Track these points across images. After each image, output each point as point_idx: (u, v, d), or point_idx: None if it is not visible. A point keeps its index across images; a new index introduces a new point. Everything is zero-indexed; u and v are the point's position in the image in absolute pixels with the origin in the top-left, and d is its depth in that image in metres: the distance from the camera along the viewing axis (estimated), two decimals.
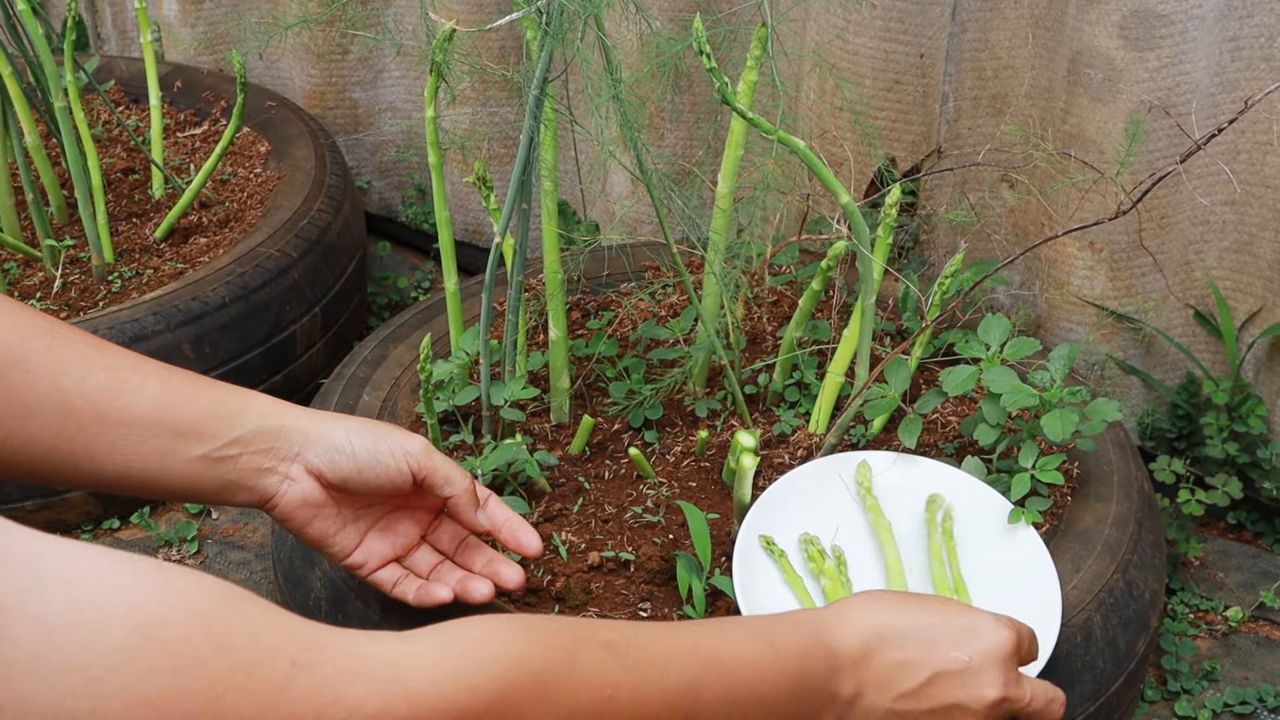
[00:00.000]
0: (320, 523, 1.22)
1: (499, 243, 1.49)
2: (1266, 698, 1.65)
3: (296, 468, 1.19)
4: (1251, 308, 1.84)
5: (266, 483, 1.18)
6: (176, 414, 1.13)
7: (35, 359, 1.05)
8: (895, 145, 1.92)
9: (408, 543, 1.29)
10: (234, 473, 1.16)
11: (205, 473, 1.15)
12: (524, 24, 1.43)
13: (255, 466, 1.17)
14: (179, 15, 2.49)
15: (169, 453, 1.13)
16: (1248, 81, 1.71)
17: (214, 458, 1.14)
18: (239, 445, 1.16)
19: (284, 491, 1.19)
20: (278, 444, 1.17)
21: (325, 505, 1.21)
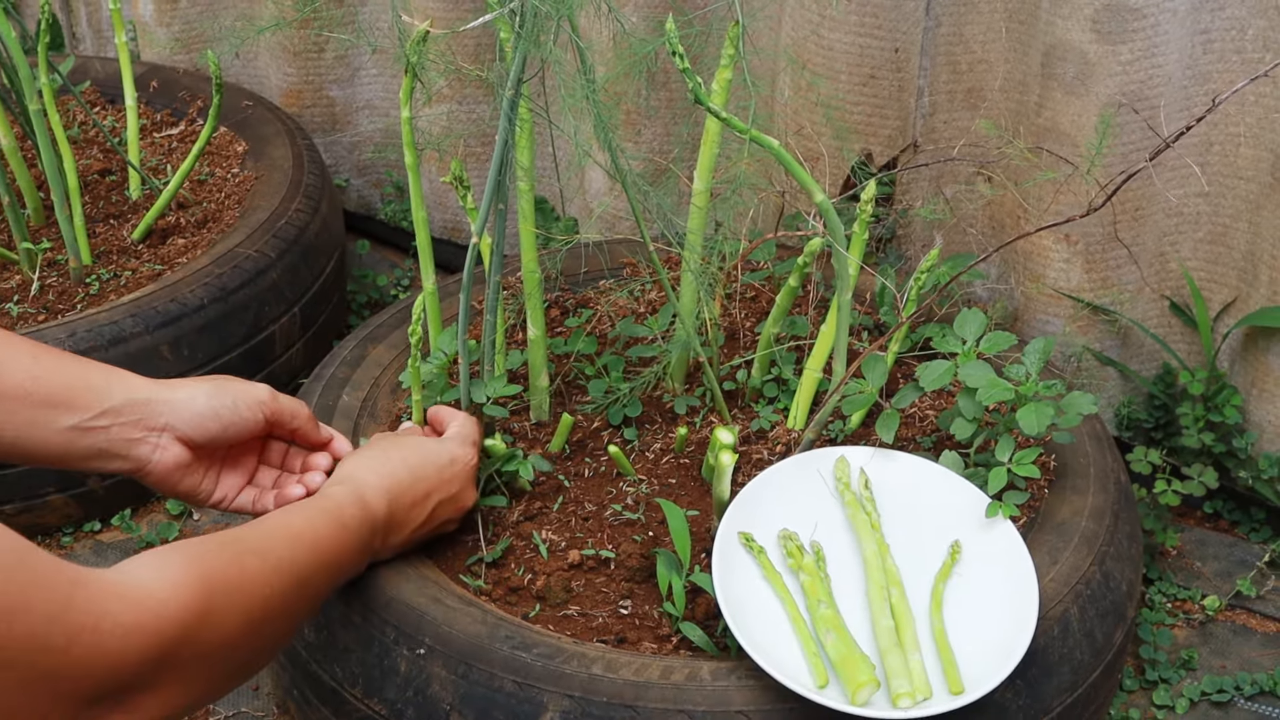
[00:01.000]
0: (188, 479, 1.34)
1: (476, 242, 1.49)
2: (1243, 686, 1.67)
3: (166, 436, 1.30)
4: (1226, 298, 1.85)
5: (139, 451, 1.29)
6: (48, 387, 1.23)
7: None
8: (871, 140, 1.93)
9: (250, 468, 1.42)
10: (105, 442, 1.27)
11: (76, 441, 1.25)
12: (498, 24, 1.43)
13: (126, 437, 1.28)
14: (154, 15, 2.48)
15: (40, 423, 1.23)
16: (1219, 74, 1.73)
17: (84, 428, 1.25)
18: (109, 416, 1.26)
19: (157, 459, 1.30)
20: (145, 415, 1.29)
21: (192, 463, 1.33)
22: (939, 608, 1.35)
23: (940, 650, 1.30)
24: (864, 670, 1.25)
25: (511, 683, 1.29)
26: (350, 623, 1.37)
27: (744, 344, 1.76)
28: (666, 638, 1.38)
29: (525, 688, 1.28)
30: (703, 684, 1.28)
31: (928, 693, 1.26)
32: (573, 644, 1.33)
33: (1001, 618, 1.34)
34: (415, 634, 1.33)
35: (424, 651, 1.32)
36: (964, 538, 1.42)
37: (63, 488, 1.87)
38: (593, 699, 1.27)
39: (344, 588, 1.39)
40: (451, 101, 2.26)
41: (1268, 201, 1.74)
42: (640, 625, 1.39)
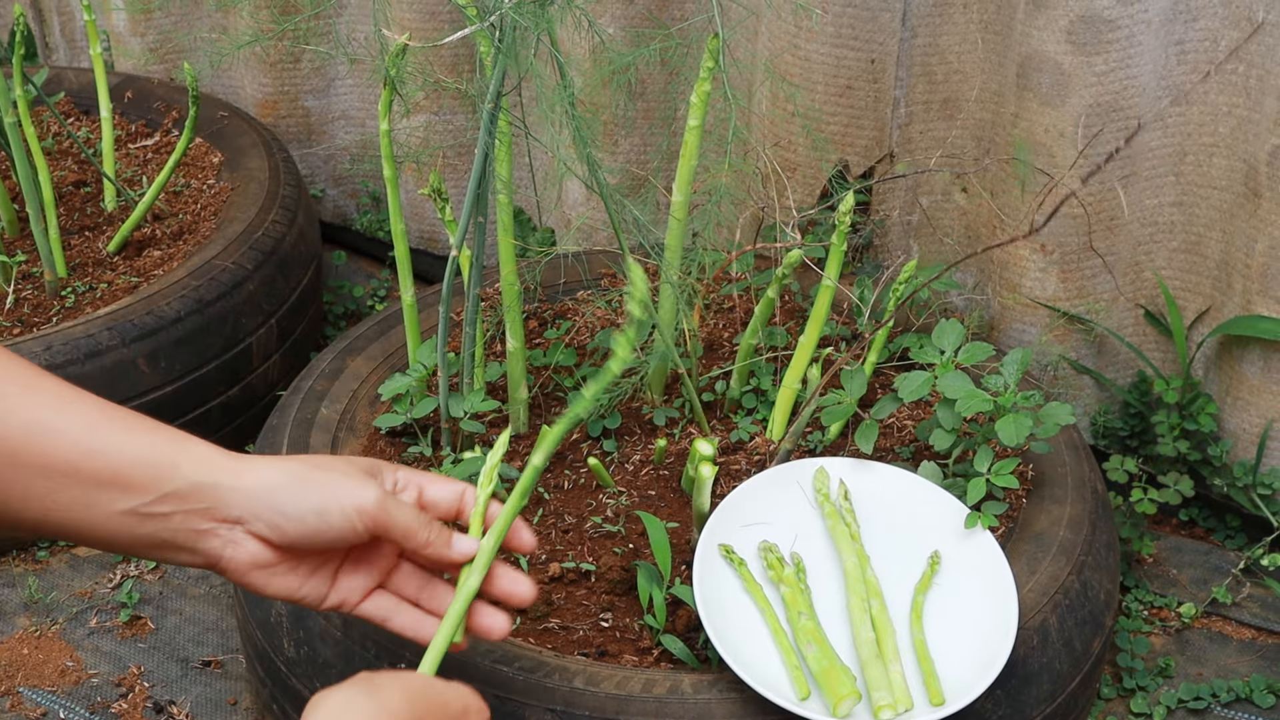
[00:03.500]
0: (280, 581, 1.11)
1: (455, 255, 1.49)
2: (1220, 693, 1.68)
3: (239, 531, 1.07)
4: (1200, 307, 1.86)
5: (208, 545, 1.07)
6: (101, 463, 1.03)
7: None
8: (848, 150, 1.93)
9: (387, 565, 1.16)
10: (168, 532, 1.06)
11: (135, 528, 1.05)
12: (477, 37, 1.43)
13: (192, 527, 1.06)
14: (129, 25, 2.47)
15: (91, 504, 1.03)
16: (1193, 85, 1.74)
17: (143, 513, 1.04)
18: (171, 502, 1.05)
19: (230, 555, 1.08)
20: (215, 505, 1.06)
21: (279, 564, 1.10)
22: (919, 619, 1.35)
23: (921, 661, 1.31)
24: (845, 682, 1.25)
25: (493, 697, 1.28)
26: (330, 638, 1.37)
27: (723, 355, 1.76)
28: (648, 650, 1.38)
29: (506, 702, 1.28)
30: (684, 697, 1.28)
31: (909, 704, 1.26)
32: (554, 658, 1.33)
33: (981, 628, 1.34)
34: (396, 648, 1.33)
35: (404, 666, 1.32)
36: (943, 548, 1.43)
37: None
38: (574, 713, 1.27)
39: None
40: (429, 113, 2.26)
41: (1240, 211, 1.76)
42: (621, 638, 1.39)
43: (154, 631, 1.77)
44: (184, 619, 1.79)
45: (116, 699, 1.67)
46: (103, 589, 1.83)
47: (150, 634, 1.77)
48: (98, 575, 1.85)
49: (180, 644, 1.75)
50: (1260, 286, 1.74)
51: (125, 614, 1.78)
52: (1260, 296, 1.75)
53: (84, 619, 1.78)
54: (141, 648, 1.74)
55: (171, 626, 1.78)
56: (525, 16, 1.26)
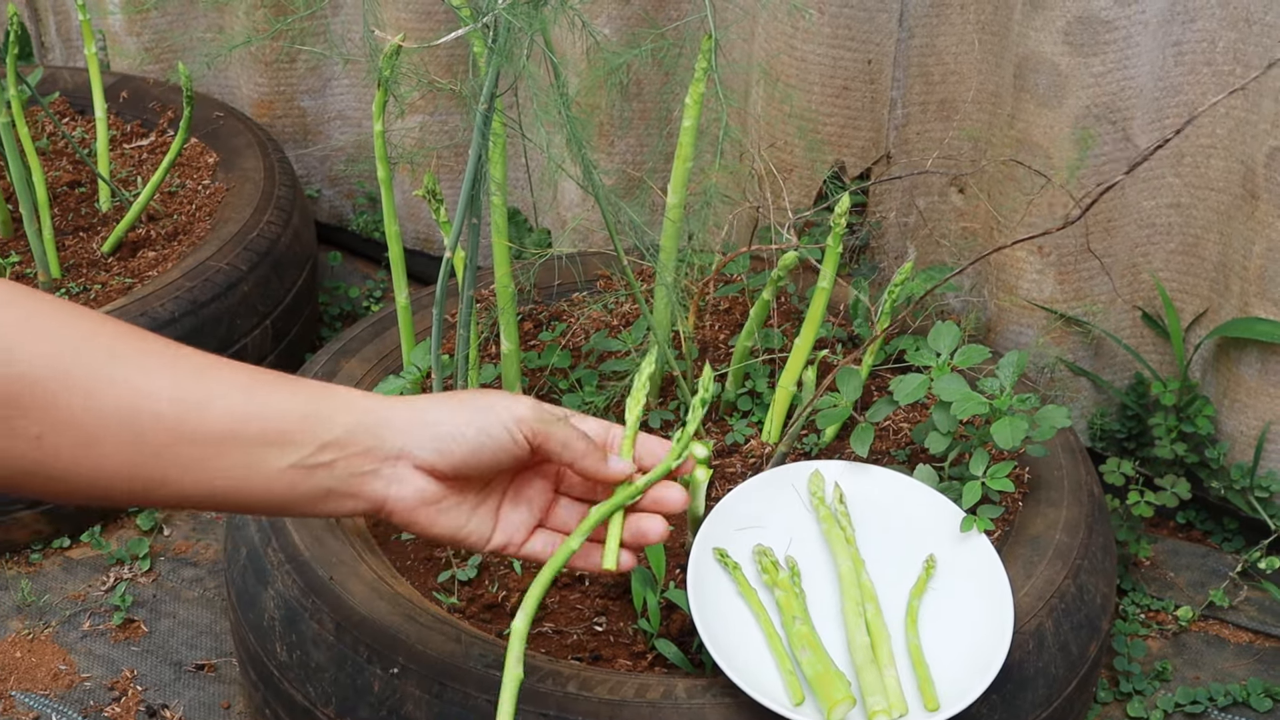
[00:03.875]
0: (446, 518, 1.10)
1: (449, 257, 1.48)
2: (1217, 697, 1.67)
3: (403, 466, 1.06)
4: (1198, 309, 1.85)
5: (373, 487, 1.06)
6: (258, 423, 1.01)
7: (95, 378, 0.95)
8: (845, 151, 1.93)
9: (545, 501, 1.16)
10: (332, 480, 1.04)
11: (299, 483, 1.03)
12: (471, 38, 1.43)
13: (355, 471, 1.05)
14: (124, 25, 2.47)
15: (255, 466, 1.02)
16: (1190, 86, 1.73)
17: (306, 466, 1.03)
18: (333, 450, 1.04)
19: (396, 493, 1.07)
20: (377, 443, 1.05)
21: (445, 498, 1.09)
22: (914, 623, 1.34)
23: (916, 666, 1.30)
24: (840, 687, 1.24)
25: (486, 702, 1.28)
26: (323, 641, 1.36)
27: (718, 357, 1.75)
28: (641, 655, 1.37)
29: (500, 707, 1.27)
30: (678, 702, 1.27)
31: (904, 709, 1.25)
32: (547, 662, 1.33)
33: (977, 632, 1.34)
34: (389, 653, 1.33)
35: (397, 670, 1.31)
36: (939, 552, 1.42)
37: (31, 504, 1.85)
38: (568, 718, 1.26)
39: (316, 606, 1.38)
40: (424, 113, 2.25)
41: (1238, 213, 1.75)
42: (615, 642, 1.38)
43: (147, 635, 1.76)
44: (177, 622, 1.78)
45: (109, 703, 1.67)
46: (96, 592, 1.82)
47: (143, 637, 1.76)
48: (91, 578, 1.84)
49: (174, 647, 1.75)
50: (1258, 288, 1.74)
51: (118, 617, 1.77)
52: (1258, 298, 1.74)
53: (77, 622, 1.78)
54: (135, 651, 1.74)
55: (165, 630, 1.77)
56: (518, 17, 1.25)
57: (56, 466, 0.95)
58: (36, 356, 0.93)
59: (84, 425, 0.95)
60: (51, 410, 0.93)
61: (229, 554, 1.55)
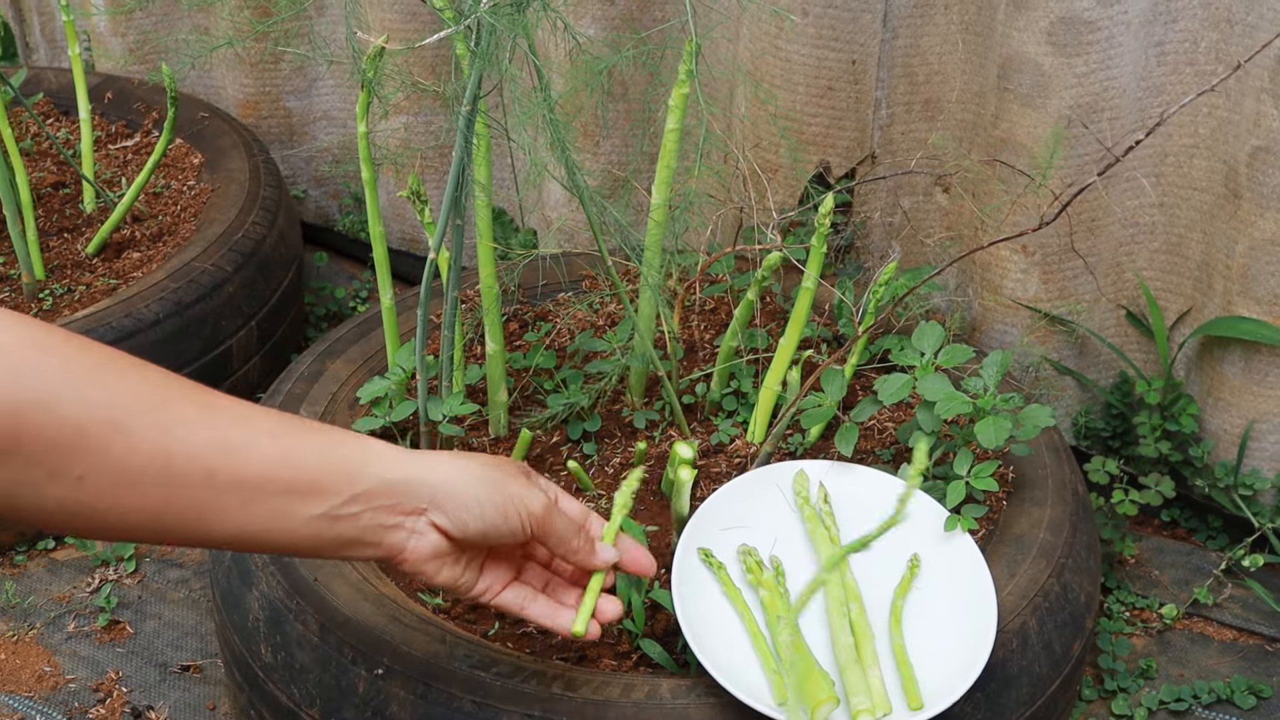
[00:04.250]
0: (448, 570, 1.18)
1: (434, 258, 1.48)
2: (1201, 694, 1.68)
3: (423, 522, 1.14)
4: (1182, 307, 1.86)
5: (393, 539, 1.13)
6: (291, 473, 1.07)
7: (136, 425, 0.99)
8: (829, 151, 1.93)
9: (519, 562, 1.27)
10: (356, 530, 1.10)
11: (325, 531, 1.09)
12: (455, 40, 1.43)
13: (379, 523, 1.11)
14: (109, 26, 2.46)
15: (285, 514, 1.07)
16: (1173, 86, 1.74)
17: (333, 516, 1.09)
18: (360, 502, 1.10)
19: (414, 546, 1.14)
20: (403, 499, 1.12)
21: (450, 554, 1.17)
22: (898, 623, 1.35)
23: (900, 665, 1.30)
24: (823, 687, 1.25)
25: (470, 702, 1.28)
26: (307, 642, 1.36)
27: (703, 357, 1.75)
28: (626, 655, 1.37)
29: (484, 707, 1.28)
30: (663, 701, 1.28)
31: (887, 708, 1.26)
32: (532, 662, 1.33)
33: (960, 631, 1.34)
34: (373, 653, 1.33)
35: (382, 671, 1.32)
36: (923, 551, 1.42)
37: None
38: (552, 717, 1.26)
39: (301, 608, 1.38)
40: (408, 114, 2.25)
41: (1221, 212, 1.76)
42: (600, 642, 1.38)
43: (132, 636, 1.76)
44: (163, 623, 1.78)
45: (94, 704, 1.67)
46: (81, 593, 1.82)
47: (128, 638, 1.76)
48: (76, 579, 1.84)
49: (159, 649, 1.74)
50: (1241, 287, 1.74)
51: (103, 618, 1.77)
52: (1241, 297, 1.75)
53: (62, 623, 1.78)
54: (120, 652, 1.74)
55: (150, 631, 1.77)
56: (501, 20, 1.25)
57: (99, 507, 0.99)
58: (80, 402, 0.97)
59: (125, 468, 0.99)
60: (95, 454, 0.97)
61: (214, 556, 1.54)
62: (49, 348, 0.97)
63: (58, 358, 0.97)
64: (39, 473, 0.96)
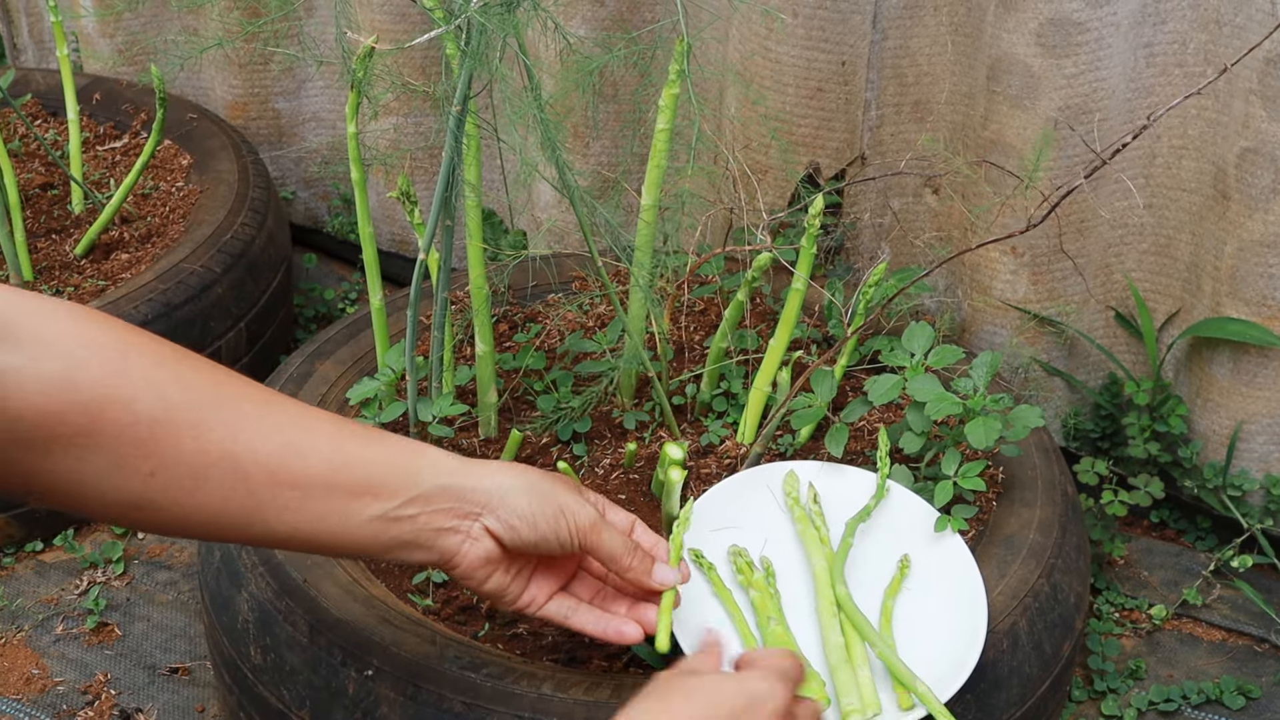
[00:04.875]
0: (497, 579, 1.19)
1: (423, 258, 1.48)
2: (1190, 695, 1.68)
3: (477, 527, 1.16)
4: (1170, 309, 1.86)
5: (448, 543, 1.15)
6: (351, 474, 1.10)
7: (205, 422, 1.03)
8: (819, 152, 1.93)
9: (569, 572, 1.27)
10: (411, 533, 1.13)
11: (381, 533, 1.12)
12: (445, 40, 1.42)
13: (435, 526, 1.14)
14: (97, 27, 2.46)
15: (344, 514, 1.10)
16: (1162, 87, 1.74)
17: (391, 517, 1.12)
18: (418, 505, 1.13)
19: (466, 551, 1.16)
20: (459, 504, 1.15)
21: (501, 561, 1.19)
22: (888, 623, 1.35)
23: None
24: (814, 687, 1.25)
25: (460, 703, 1.28)
26: (297, 644, 1.36)
27: (693, 358, 1.75)
28: (617, 656, 1.37)
29: (474, 708, 1.27)
30: None
31: (877, 708, 1.26)
32: (522, 663, 1.33)
33: (951, 632, 1.34)
34: (363, 655, 1.32)
35: (372, 673, 1.31)
36: (913, 552, 1.42)
37: (3, 508, 1.84)
38: (543, 718, 1.26)
39: (290, 609, 1.37)
40: (398, 115, 2.25)
41: (1209, 213, 1.76)
42: (590, 644, 1.38)
43: (121, 638, 1.76)
44: (151, 625, 1.77)
45: (83, 706, 1.66)
46: (69, 595, 1.81)
47: (117, 641, 1.75)
48: (64, 582, 1.83)
49: (147, 651, 1.74)
50: (1229, 288, 1.75)
51: (92, 620, 1.77)
52: (1229, 298, 1.75)
53: (50, 626, 1.77)
54: (108, 654, 1.73)
55: (139, 633, 1.76)
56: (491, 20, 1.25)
57: (163, 501, 1.03)
58: (160, 401, 1.01)
59: (193, 464, 1.03)
60: (166, 450, 1.02)
61: (203, 557, 1.54)
62: (132, 345, 1.01)
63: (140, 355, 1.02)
64: (108, 463, 0.99)
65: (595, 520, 1.20)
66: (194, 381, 1.05)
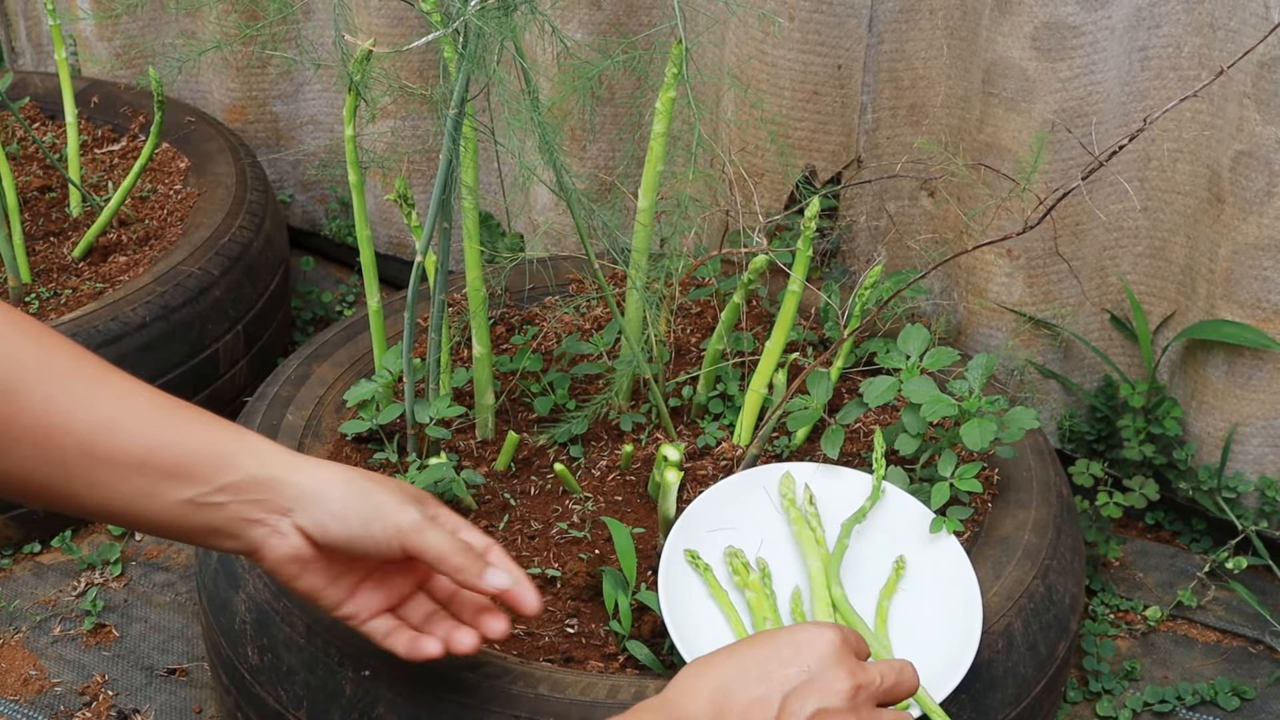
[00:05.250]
0: (310, 577, 1.16)
1: (421, 260, 1.49)
2: (1185, 696, 1.69)
3: (287, 523, 1.14)
4: (1165, 311, 1.87)
5: (255, 534, 1.13)
6: (164, 456, 1.08)
7: (25, 390, 1.03)
8: (815, 155, 1.94)
9: (403, 592, 1.23)
10: (220, 520, 1.12)
11: (190, 516, 1.11)
12: (442, 43, 1.43)
13: (244, 516, 1.12)
14: (95, 30, 2.46)
15: (152, 494, 1.09)
16: (1156, 91, 1.75)
17: (200, 503, 1.10)
18: (228, 493, 1.11)
19: (273, 545, 1.14)
20: (270, 496, 1.13)
21: (315, 561, 1.16)
22: (884, 624, 1.35)
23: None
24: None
25: (457, 704, 1.28)
26: (294, 645, 1.36)
27: (690, 360, 1.76)
28: (613, 656, 1.38)
29: (471, 709, 1.28)
30: None
31: None
32: (519, 664, 1.33)
33: (946, 633, 1.35)
34: (360, 655, 1.33)
35: (369, 673, 1.32)
36: (908, 553, 1.43)
37: (1, 509, 1.84)
38: (539, 719, 1.27)
39: (287, 610, 1.38)
40: (396, 118, 2.26)
41: (1204, 216, 1.77)
42: (587, 644, 1.39)
43: (118, 639, 1.76)
44: (149, 627, 1.78)
45: (80, 707, 1.66)
46: (67, 596, 1.81)
47: (115, 642, 1.75)
48: (61, 583, 1.83)
49: (145, 652, 1.74)
50: (1224, 291, 1.75)
51: (89, 622, 1.77)
52: (1224, 301, 1.76)
53: (48, 627, 1.77)
54: (106, 656, 1.73)
55: (136, 634, 1.77)
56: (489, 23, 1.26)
57: None
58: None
59: (7, 430, 1.03)
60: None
61: (200, 558, 1.54)
62: None
63: None
64: None
65: (417, 521, 1.15)
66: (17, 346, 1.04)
